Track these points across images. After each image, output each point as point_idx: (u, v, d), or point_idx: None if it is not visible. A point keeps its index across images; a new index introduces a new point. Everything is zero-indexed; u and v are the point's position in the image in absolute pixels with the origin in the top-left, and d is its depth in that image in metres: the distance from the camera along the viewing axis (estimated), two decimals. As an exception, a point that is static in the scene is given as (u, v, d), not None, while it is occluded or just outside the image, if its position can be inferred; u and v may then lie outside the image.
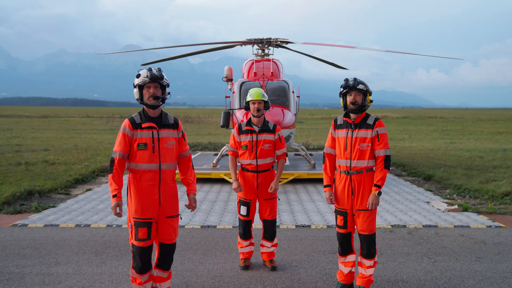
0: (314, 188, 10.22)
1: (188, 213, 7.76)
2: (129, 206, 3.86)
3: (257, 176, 4.91)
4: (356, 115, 4.19)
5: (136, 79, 3.81)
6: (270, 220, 4.99)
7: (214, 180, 11.05)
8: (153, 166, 3.80)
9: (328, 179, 4.40)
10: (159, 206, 3.86)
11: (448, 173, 11.93)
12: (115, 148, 3.80)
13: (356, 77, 4.14)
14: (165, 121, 3.93)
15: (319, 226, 6.97)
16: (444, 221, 7.25)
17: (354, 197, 4.18)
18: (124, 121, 3.86)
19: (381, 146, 4.10)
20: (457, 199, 9.09)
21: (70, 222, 7.12)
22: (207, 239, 6.27)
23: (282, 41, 13.01)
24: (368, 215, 4.15)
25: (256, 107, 4.88)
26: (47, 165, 13.37)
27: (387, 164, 4.09)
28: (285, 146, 5.04)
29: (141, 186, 3.80)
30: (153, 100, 3.81)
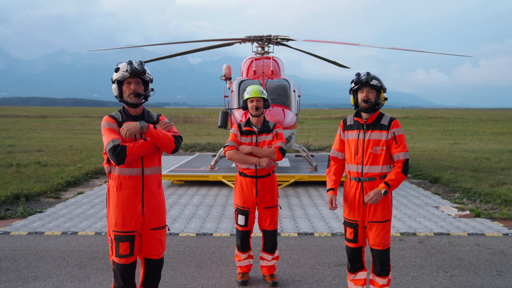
0: (316, 192, 9.74)
1: (184, 219, 7.28)
2: (109, 218, 3.38)
3: (256, 182, 4.40)
4: (369, 114, 3.72)
5: (115, 73, 3.32)
6: (271, 230, 4.50)
7: (211, 183, 10.57)
8: (135, 172, 3.32)
9: (331, 183, 3.91)
10: (143, 217, 3.37)
11: (455, 176, 11.46)
12: (108, 141, 3.16)
13: (369, 71, 3.66)
14: (147, 119, 3.45)
15: (323, 234, 6.49)
16: (457, 228, 6.78)
17: (366, 207, 3.70)
18: (104, 118, 3.38)
19: (400, 149, 3.62)
20: (467, 204, 8.61)
21: (56, 229, 6.64)
22: (202, 249, 5.79)
23: (282, 38, 12.54)
24: (382, 228, 3.67)
25: (254, 105, 4.40)
26: (39, 167, 12.89)
27: (405, 169, 3.61)
28: (280, 141, 4.38)
29: (121, 194, 3.31)
30: (134, 98, 3.33)
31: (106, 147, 3.17)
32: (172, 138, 3.38)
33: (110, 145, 3.13)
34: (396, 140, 3.63)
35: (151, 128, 3.26)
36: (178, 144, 3.43)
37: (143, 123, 3.23)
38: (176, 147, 3.41)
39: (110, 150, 3.12)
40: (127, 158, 3.17)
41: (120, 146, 3.15)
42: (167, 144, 3.36)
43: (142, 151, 3.26)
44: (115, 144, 3.14)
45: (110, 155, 3.14)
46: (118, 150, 3.13)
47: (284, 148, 4.37)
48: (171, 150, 3.41)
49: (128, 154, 3.17)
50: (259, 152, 4.34)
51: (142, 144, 3.25)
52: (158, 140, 3.31)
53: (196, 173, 10.61)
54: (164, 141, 3.33)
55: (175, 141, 3.39)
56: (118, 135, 3.25)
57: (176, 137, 3.43)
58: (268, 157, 4.31)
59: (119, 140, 3.19)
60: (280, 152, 4.33)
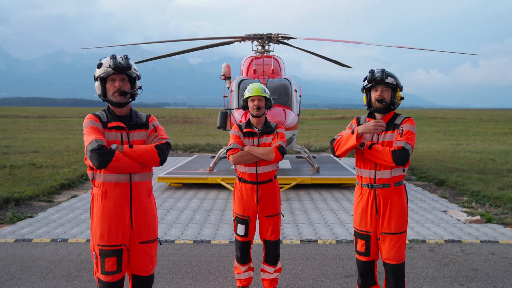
0: (318, 195, 9.39)
1: (180, 225, 6.94)
2: (92, 231, 3.03)
3: (257, 188, 4.04)
4: (383, 115, 3.37)
5: (97, 69, 2.98)
6: (273, 241, 4.13)
7: (210, 186, 10.22)
8: (122, 178, 2.97)
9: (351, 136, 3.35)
10: (131, 229, 3.02)
11: (461, 178, 11.11)
12: (91, 139, 2.82)
13: (384, 68, 3.30)
14: (135, 120, 3.10)
15: (327, 241, 6.14)
16: (468, 234, 6.43)
17: (379, 217, 3.35)
18: (87, 116, 3.03)
19: (401, 138, 3.23)
20: (476, 208, 8.27)
21: (46, 236, 6.29)
22: (199, 258, 5.44)
23: (283, 37, 12.18)
24: (397, 240, 3.32)
25: (256, 105, 4.03)
26: (33, 169, 12.54)
27: (402, 158, 3.14)
28: (281, 140, 4.00)
29: (107, 204, 2.97)
30: (119, 97, 2.98)
31: (87, 146, 2.81)
32: (155, 151, 3.00)
33: (94, 145, 2.78)
34: (402, 133, 3.26)
35: (125, 149, 2.92)
36: (164, 155, 3.06)
37: (115, 146, 2.90)
38: (162, 159, 3.04)
39: (93, 151, 2.77)
40: (112, 163, 2.82)
41: (107, 149, 2.81)
42: (149, 160, 3.01)
43: (130, 164, 2.92)
44: (100, 144, 2.79)
45: (92, 156, 2.78)
46: (103, 151, 2.78)
47: (284, 147, 3.97)
48: (155, 164, 3.06)
49: (114, 160, 2.82)
50: (256, 151, 3.96)
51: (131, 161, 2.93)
52: (138, 159, 2.96)
53: (194, 175, 10.26)
54: (145, 159, 2.99)
55: (158, 154, 3.01)
56: (102, 135, 2.90)
57: (160, 148, 3.04)
58: (265, 157, 3.94)
59: (104, 142, 2.85)
60: (279, 151, 3.91)
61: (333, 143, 3.46)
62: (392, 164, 3.18)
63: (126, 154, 2.90)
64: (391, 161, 3.17)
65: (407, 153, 3.17)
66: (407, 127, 3.27)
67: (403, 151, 3.16)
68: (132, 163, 2.93)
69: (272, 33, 12.16)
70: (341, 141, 3.38)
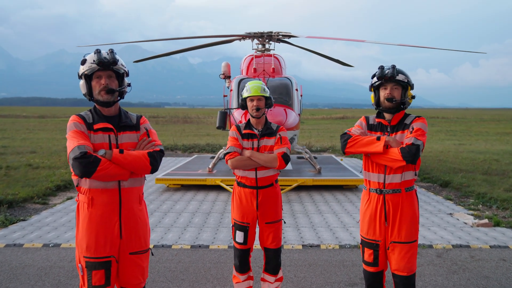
0: (320, 197, 9.15)
1: (178, 228, 6.70)
2: (78, 241, 2.79)
3: (256, 194, 3.79)
4: (392, 115, 3.13)
5: (81, 66, 2.73)
6: (274, 249, 3.88)
7: (209, 187, 9.99)
8: (110, 184, 2.73)
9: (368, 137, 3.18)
10: (120, 239, 2.79)
11: (466, 179, 10.87)
12: (73, 146, 2.58)
13: (394, 64, 3.06)
14: (125, 121, 2.85)
15: (330, 246, 5.91)
16: (476, 239, 6.19)
17: (388, 225, 3.11)
18: (71, 118, 2.79)
19: (411, 135, 3.02)
20: (483, 210, 8.03)
21: (38, 240, 6.05)
22: (197, 264, 5.21)
23: (284, 35, 11.94)
24: (408, 250, 3.08)
25: (255, 105, 3.77)
26: (29, 169, 12.31)
27: (411, 153, 2.90)
28: (285, 146, 3.75)
29: (94, 212, 2.73)
30: (106, 95, 2.74)
31: (70, 153, 2.58)
32: (147, 159, 2.75)
33: (76, 152, 2.54)
34: (412, 131, 3.03)
35: (115, 154, 2.66)
36: (156, 163, 2.81)
37: (103, 152, 2.65)
38: (154, 168, 2.79)
39: (76, 159, 2.53)
40: (97, 173, 2.58)
41: (91, 157, 2.56)
42: (140, 168, 2.76)
43: (118, 173, 2.67)
44: (83, 151, 2.54)
45: (74, 165, 2.54)
46: (86, 160, 2.53)
47: (288, 155, 3.73)
48: (145, 173, 2.82)
49: (100, 170, 2.58)
50: (259, 158, 3.72)
51: (119, 169, 2.68)
52: (128, 166, 2.71)
53: (193, 176, 10.03)
54: (136, 166, 2.73)
55: (151, 162, 2.76)
56: (87, 140, 2.66)
57: (153, 156, 2.80)
58: (268, 164, 3.70)
59: (88, 147, 2.60)
60: (283, 159, 3.68)
61: (346, 138, 3.20)
62: (402, 161, 2.93)
63: (115, 161, 2.65)
64: (400, 158, 2.93)
65: (417, 149, 2.93)
66: (417, 125, 3.05)
67: (412, 146, 2.94)
68: (121, 171, 2.69)
69: (273, 31, 11.92)
70: (360, 141, 3.13)
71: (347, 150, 3.17)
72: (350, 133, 3.25)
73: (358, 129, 3.25)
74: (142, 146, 2.84)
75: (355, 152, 3.16)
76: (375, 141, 3.05)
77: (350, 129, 3.31)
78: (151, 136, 2.92)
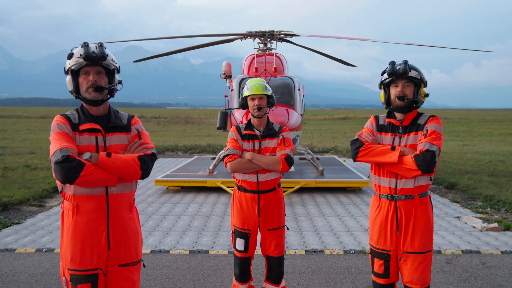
0: (323, 199, 8.92)
1: (177, 232, 6.48)
2: (62, 252, 2.57)
3: (258, 198, 3.57)
4: (404, 114, 2.90)
5: (68, 61, 2.52)
6: (276, 257, 3.66)
7: (209, 189, 9.76)
8: (97, 190, 2.50)
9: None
10: (109, 250, 2.56)
11: (473, 181, 10.62)
12: (55, 149, 2.37)
13: (406, 59, 2.83)
14: (114, 121, 2.63)
15: (334, 251, 5.67)
16: (486, 244, 5.96)
17: (400, 234, 2.88)
18: (55, 118, 2.57)
19: (425, 140, 2.77)
20: (491, 214, 7.79)
21: (31, 245, 5.84)
22: (195, 271, 4.98)
23: (286, 34, 11.71)
24: (421, 260, 2.85)
25: (256, 105, 3.54)
26: (27, 171, 12.10)
27: (426, 161, 2.67)
28: (289, 148, 3.55)
29: (79, 220, 2.50)
30: (94, 93, 2.51)
31: (51, 157, 2.36)
32: (137, 164, 2.52)
33: (58, 156, 2.32)
34: (426, 134, 2.79)
35: (101, 157, 2.43)
36: (147, 168, 2.57)
37: (88, 155, 2.42)
38: (144, 173, 2.56)
39: (57, 163, 2.31)
40: (80, 179, 2.35)
41: (74, 161, 2.33)
42: (129, 174, 2.52)
43: (104, 178, 2.45)
44: (65, 155, 2.32)
45: (56, 169, 2.32)
46: (69, 165, 2.30)
47: (291, 157, 3.50)
48: (135, 179, 2.59)
49: (84, 175, 2.35)
50: (260, 160, 3.49)
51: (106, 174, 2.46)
52: (116, 171, 2.48)
53: (193, 178, 9.81)
54: (124, 171, 2.50)
55: (141, 167, 2.53)
56: (72, 142, 2.44)
57: (144, 160, 2.56)
58: (271, 167, 3.48)
59: (72, 150, 2.38)
60: (286, 162, 3.45)
61: (358, 146, 2.96)
62: (416, 170, 2.70)
63: (101, 165, 2.42)
64: (415, 167, 2.70)
65: (433, 156, 2.69)
66: (432, 126, 2.81)
67: (427, 154, 2.69)
68: (107, 177, 2.46)
69: (275, 30, 11.69)
70: (373, 150, 2.90)
71: (359, 159, 2.95)
72: (361, 139, 3.01)
73: (370, 135, 3.01)
74: (133, 149, 2.61)
75: (367, 161, 2.94)
76: (389, 150, 2.83)
77: (361, 133, 3.08)
78: (143, 138, 2.69)
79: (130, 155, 2.54)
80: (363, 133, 3.06)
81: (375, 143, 2.93)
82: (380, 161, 2.85)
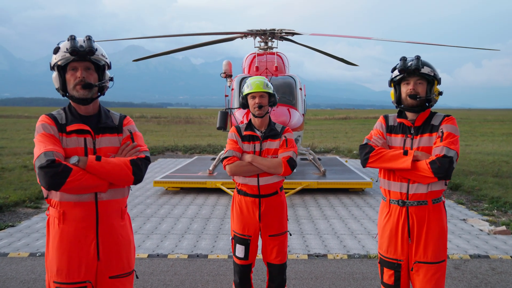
0: (326, 201, 8.73)
1: (175, 235, 6.29)
2: (48, 263, 2.38)
3: (259, 203, 3.38)
4: (416, 114, 2.71)
5: (54, 55, 2.31)
6: (278, 264, 3.46)
7: (209, 191, 9.57)
8: (85, 196, 2.31)
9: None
10: (98, 261, 2.37)
11: (477, 182, 10.43)
12: (39, 152, 2.18)
13: (419, 55, 2.62)
14: (105, 121, 2.43)
15: (337, 255, 5.48)
16: (495, 248, 5.76)
17: (412, 242, 2.69)
18: (40, 118, 2.37)
19: (441, 144, 2.57)
20: (498, 216, 7.59)
21: (25, 249, 5.65)
22: (194, 276, 4.79)
23: (287, 32, 11.52)
24: (435, 271, 2.66)
25: (257, 103, 3.34)
26: (24, 171, 11.93)
27: (444, 168, 2.48)
28: (291, 150, 3.34)
29: (66, 229, 2.31)
30: (82, 90, 2.31)
31: (35, 161, 2.17)
32: (129, 168, 2.32)
33: (42, 160, 2.13)
34: (442, 136, 2.59)
35: (90, 161, 2.23)
36: (141, 173, 2.38)
37: (76, 159, 2.22)
38: (137, 178, 2.36)
39: (42, 168, 2.11)
40: (66, 186, 2.16)
41: (60, 166, 2.13)
42: (121, 178, 2.33)
43: (93, 184, 2.25)
44: (50, 159, 2.12)
45: (40, 175, 2.13)
46: (54, 170, 2.11)
47: (294, 159, 3.30)
48: (127, 184, 2.40)
49: (71, 181, 2.16)
50: (261, 163, 3.29)
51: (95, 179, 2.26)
52: (106, 176, 2.28)
53: (193, 179, 9.62)
54: (115, 176, 2.30)
55: (133, 172, 2.33)
56: (57, 145, 2.25)
57: (137, 164, 2.36)
58: (272, 170, 3.29)
59: (58, 154, 2.18)
60: (289, 165, 3.25)
61: (368, 151, 2.76)
62: (432, 178, 2.51)
63: (90, 170, 2.23)
64: (431, 174, 2.50)
65: (451, 162, 2.50)
66: (448, 128, 2.61)
67: (444, 160, 2.50)
68: (97, 182, 2.26)
69: (276, 28, 11.50)
70: (384, 156, 2.70)
71: (369, 165, 2.75)
72: (371, 143, 2.82)
73: (380, 138, 2.82)
74: (125, 152, 2.42)
75: (378, 167, 2.74)
76: (402, 155, 2.63)
77: (370, 135, 2.89)
78: (136, 140, 2.49)
79: (121, 159, 2.35)
80: (372, 136, 2.86)
81: (385, 147, 2.74)
82: (392, 167, 2.65)
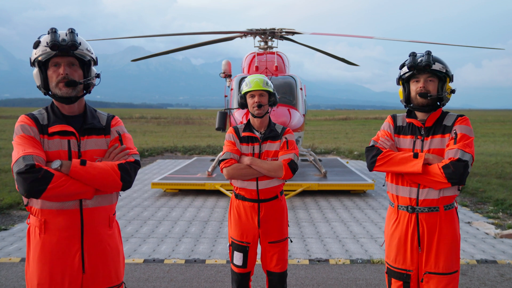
0: (327, 203, 8.55)
1: (173, 239, 6.11)
2: (28, 277, 2.20)
3: (258, 208, 3.20)
4: (427, 114, 2.53)
5: (34, 50, 2.11)
6: (278, 273, 3.28)
7: (208, 192, 9.40)
8: (68, 204, 2.12)
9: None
10: (83, 274, 2.18)
11: (481, 183, 10.25)
12: (19, 155, 1.98)
13: (429, 50, 2.44)
14: (91, 122, 2.24)
15: (339, 260, 5.30)
16: (502, 253, 5.58)
17: (422, 251, 2.51)
18: (19, 118, 2.18)
19: (455, 146, 2.38)
20: (503, 219, 7.41)
21: (17, 253, 5.47)
22: (191, 283, 4.61)
23: (288, 32, 11.35)
24: (447, 283, 2.48)
25: (256, 102, 3.17)
26: (21, 173, 11.74)
27: (458, 173, 2.29)
28: (292, 152, 3.16)
29: (48, 239, 2.13)
30: (66, 88, 2.12)
31: (13, 165, 1.97)
32: (117, 173, 2.14)
33: (20, 165, 1.93)
34: (456, 138, 2.39)
35: (74, 166, 2.04)
36: (129, 178, 2.19)
37: (58, 164, 2.03)
38: (125, 184, 2.18)
39: (20, 174, 1.92)
40: (47, 193, 1.97)
41: (40, 171, 1.94)
42: (108, 184, 2.14)
43: (77, 191, 2.06)
44: (29, 163, 1.93)
45: (18, 181, 1.94)
46: (33, 176, 1.92)
47: (295, 162, 3.13)
48: (115, 190, 2.20)
49: (52, 188, 1.96)
50: (261, 166, 3.11)
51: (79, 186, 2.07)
52: (92, 182, 2.09)
53: (191, 180, 9.45)
54: (102, 182, 2.11)
55: (121, 177, 2.15)
56: (38, 148, 2.05)
57: (126, 169, 2.18)
58: (272, 173, 3.11)
59: (38, 158, 1.99)
60: (289, 168, 3.08)
61: (375, 154, 2.56)
62: (445, 183, 2.33)
63: (73, 175, 2.04)
64: (444, 179, 2.32)
65: (466, 167, 2.31)
66: (461, 129, 2.42)
67: (458, 164, 2.31)
68: (81, 189, 2.07)
69: (276, 28, 11.33)
70: (393, 159, 2.50)
71: (376, 169, 2.56)
72: (378, 145, 2.63)
73: (387, 140, 2.63)
74: (113, 155, 2.23)
75: (386, 171, 2.56)
76: (411, 158, 2.44)
77: (377, 137, 2.70)
78: (125, 142, 2.30)
79: (109, 163, 2.16)
80: (379, 137, 2.68)
81: (394, 149, 2.56)
82: (401, 171, 2.47)
